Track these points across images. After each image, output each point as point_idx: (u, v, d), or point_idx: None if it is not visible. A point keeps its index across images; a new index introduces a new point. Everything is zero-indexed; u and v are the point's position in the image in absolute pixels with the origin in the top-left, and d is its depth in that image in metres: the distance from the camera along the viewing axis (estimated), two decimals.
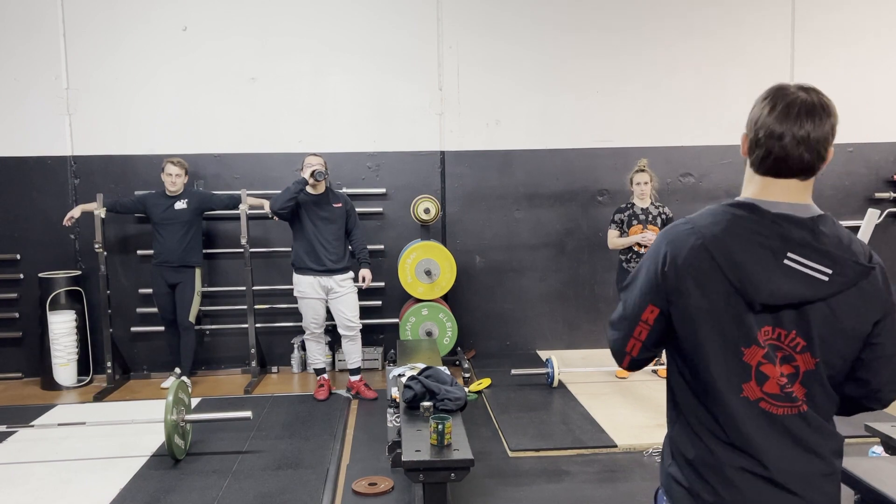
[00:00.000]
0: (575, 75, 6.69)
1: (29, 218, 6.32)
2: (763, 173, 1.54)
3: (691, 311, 1.50)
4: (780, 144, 1.48)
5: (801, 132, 1.47)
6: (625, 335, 1.62)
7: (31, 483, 4.12)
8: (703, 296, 1.49)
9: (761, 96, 1.54)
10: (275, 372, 6.58)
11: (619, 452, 4.47)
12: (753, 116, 1.54)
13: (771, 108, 1.49)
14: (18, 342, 6.40)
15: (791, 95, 1.49)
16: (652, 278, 1.55)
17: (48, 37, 6.24)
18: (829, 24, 6.79)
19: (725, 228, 1.50)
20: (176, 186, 5.83)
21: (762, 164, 1.53)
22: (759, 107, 1.53)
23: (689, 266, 1.50)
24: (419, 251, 6.20)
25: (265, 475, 4.18)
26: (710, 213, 1.55)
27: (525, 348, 6.86)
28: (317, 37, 6.45)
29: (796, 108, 1.48)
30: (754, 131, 1.52)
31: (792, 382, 1.50)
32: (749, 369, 1.49)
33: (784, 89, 1.51)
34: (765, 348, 1.48)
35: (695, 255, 1.50)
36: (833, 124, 1.49)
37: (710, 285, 1.48)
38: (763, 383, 1.49)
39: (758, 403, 1.50)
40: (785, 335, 1.49)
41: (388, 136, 6.58)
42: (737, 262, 1.46)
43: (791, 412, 1.50)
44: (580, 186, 6.79)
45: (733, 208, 1.53)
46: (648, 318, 1.56)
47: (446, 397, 3.78)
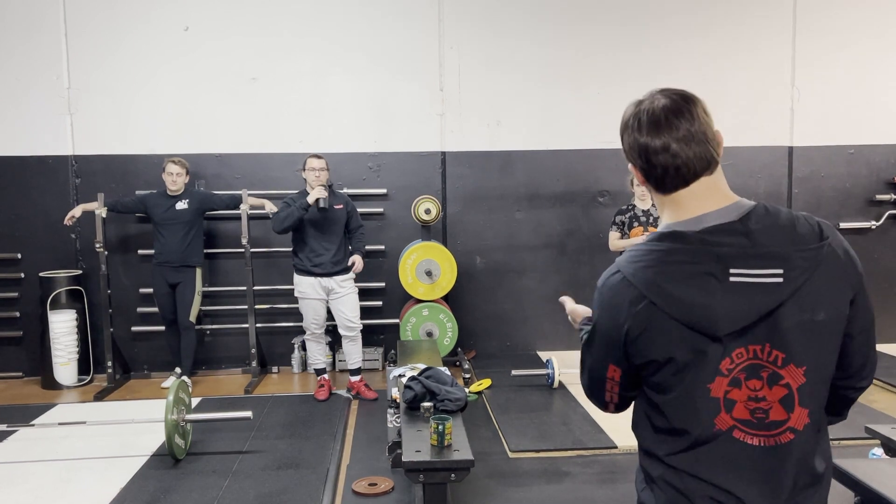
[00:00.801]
0: (576, 76, 6.69)
1: (30, 217, 6.32)
2: (671, 190, 1.43)
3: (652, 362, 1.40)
4: (669, 154, 1.40)
5: (680, 133, 1.40)
6: (599, 391, 1.55)
7: (31, 482, 4.12)
8: (657, 346, 1.38)
9: (624, 121, 1.48)
10: (275, 372, 6.58)
11: (620, 454, 4.47)
12: (629, 144, 1.47)
13: (639, 127, 1.43)
14: (19, 341, 6.40)
15: (650, 106, 1.43)
16: (605, 338, 1.47)
17: (49, 36, 6.24)
18: (830, 25, 6.79)
19: (656, 269, 1.37)
20: (177, 186, 5.83)
21: (664, 181, 1.43)
22: (627, 133, 1.47)
23: (635, 319, 1.39)
24: (420, 251, 6.20)
25: (265, 475, 4.19)
26: (637, 256, 1.42)
27: (525, 349, 6.86)
28: (318, 37, 6.45)
29: (659, 115, 1.41)
30: (639, 156, 1.44)
31: (788, 407, 1.38)
32: (717, 402, 1.38)
33: (641, 104, 1.45)
34: (729, 376, 1.37)
35: (637, 307, 1.38)
36: (702, 107, 1.44)
37: (663, 333, 1.37)
38: (731, 409, 1.38)
39: (731, 433, 1.38)
40: (760, 350, 1.37)
41: (389, 137, 6.58)
42: (681, 301, 1.35)
43: (768, 442, 1.38)
44: (581, 187, 6.79)
45: (656, 243, 1.41)
46: (614, 376, 1.49)
47: (447, 398, 3.78)
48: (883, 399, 5.36)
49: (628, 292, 1.40)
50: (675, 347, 1.37)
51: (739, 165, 6.83)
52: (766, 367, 1.37)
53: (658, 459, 1.46)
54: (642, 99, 1.47)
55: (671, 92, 1.45)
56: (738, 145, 6.81)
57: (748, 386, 1.37)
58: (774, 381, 1.37)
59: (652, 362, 1.40)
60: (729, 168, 6.80)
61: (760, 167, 6.82)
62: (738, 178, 6.84)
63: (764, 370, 1.37)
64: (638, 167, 1.48)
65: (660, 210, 1.50)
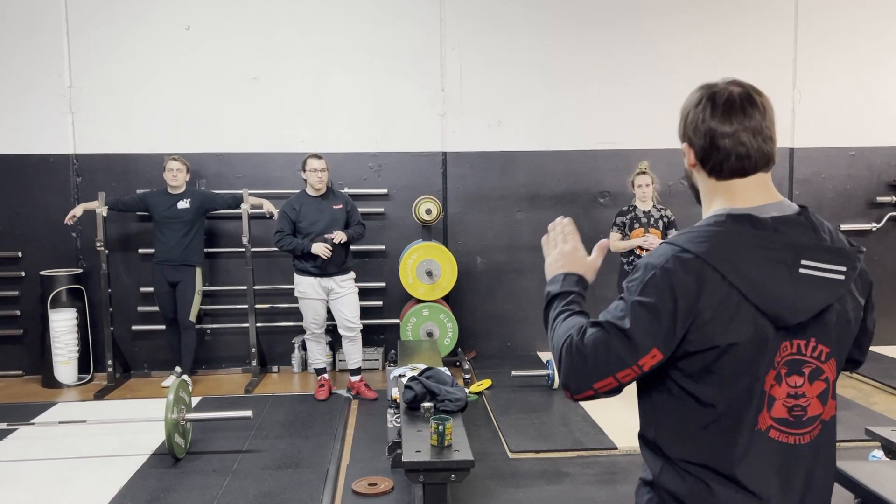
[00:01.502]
0: (578, 77, 6.69)
1: (31, 216, 6.32)
2: (727, 177, 1.43)
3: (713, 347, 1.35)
4: (738, 141, 1.40)
5: (753, 123, 1.40)
6: (601, 374, 1.38)
7: (31, 481, 4.12)
8: (727, 329, 1.34)
9: (693, 102, 1.46)
10: (275, 371, 6.58)
11: (620, 454, 4.47)
12: (693, 122, 1.44)
13: (713, 109, 1.41)
14: (19, 340, 6.40)
15: (726, 91, 1.42)
16: (662, 321, 1.35)
17: (51, 35, 6.24)
18: (831, 27, 6.79)
19: (732, 249, 1.35)
20: (178, 182, 5.83)
21: (723, 167, 1.42)
22: (694, 112, 1.44)
23: (709, 299, 1.33)
24: (420, 252, 6.20)
25: (265, 475, 4.19)
26: (706, 235, 1.38)
27: (526, 349, 6.86)
28: (319, 36, 6.45)
29: (737, 101, 1.41)
30: (703, 136, 1.42)
31: (824, 400, 1.40)
32: (764, 396, 1.37)
33: (716, 87, 1.44)
34: (777, 369, 1.37)
35: (714, 288, 1.33)
36: (772, 108, 1.44)
37: (734, 315, 1.34)
38: (771, 408, 1.38)
39: (767, 433, 1.38)
40: (805, 345, 1.39)
41: (390, 137, 6.58)
42: (756, 283, 1.33)
43: (801, 440, 1.39)
44: (582, 188, 6.79)
45: (729, 224, 1.38)
46: (646, 364, 1.36)
47: (447, 398, 3.78)
48: (883, 401, 5.36)
49: (704, 272, 1.34)
50: (742, 332, 1.34)
51: None
52: (808, 362, 1.39)
53: (676, 460, 1.42)
54: (715, 83, 1.45)
55: (746, 83, 1.45)
56: None
57: (788, 382, 1.39)
58: (816, 375, 1.40)
59: (713, 348, 1.35)
60: None
61: None
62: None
63: (806, 366, 1.39)
64: (696, 148, 1.45)
65: (707, 196, 1.49)
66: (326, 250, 5.33)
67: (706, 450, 1.39)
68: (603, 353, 1.38)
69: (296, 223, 5.44)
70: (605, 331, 1.39)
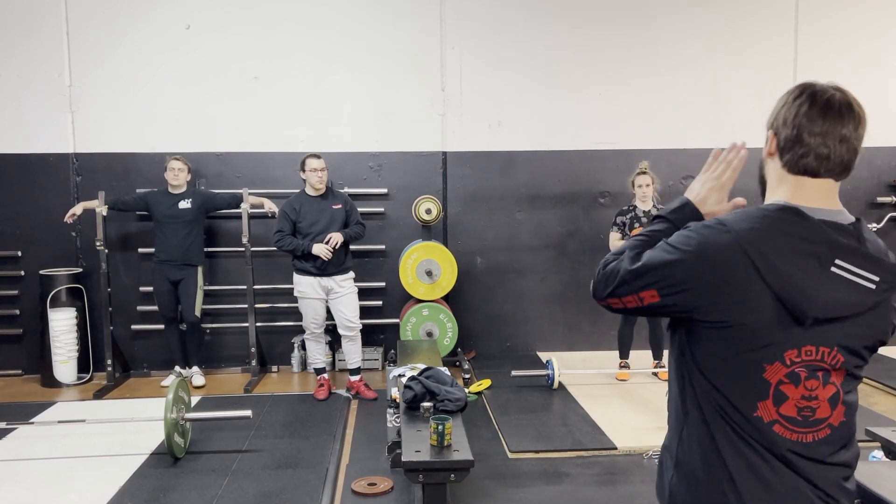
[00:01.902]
0: (577, 77, 6.68)
1: (30, 215, 6.32)
2: (799, 172, 1.46)
3: (715, 317, 1.41)
4: (823, 142, 1.42)
5: (844, 130, 1.42)
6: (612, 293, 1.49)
7: (30, 480, 4.12)
8: (732, 303, 1.38)
9: (792, 94, 1.47)
10: (275, 371, 6.58)
11: (619, 455, 4.47)
12: (786, 114, 1.46)
13: (810, 106, 1.43)
14: (19, 339, 6.40)
15: (827, 93, 1.44)
16: (669, 266, 1.42)
17: (51, 34, 6.24)
18: (832, 27, 6.78)
19: (766, 232, 1.39)
20: (179, 181, 5.84)
21: (799, 162, 1.45)
22: (791, 104, 1.46)
23: (722, 268, 1.38)
24: (420, 251, 6.20)
25: (265, 474, 4.18)
26: (746, 216, 1.43)
27: (525, 350, 6.86)
28: (319, 36, 6.45)
29: (836, 105, 1.43)
30: (792, 128, 1.45)
31: (834, 406, 1.44)
32: (767, 387, 1.41)
33: (818, 87, 1.46)
34: (790, 367, 1.40)
35: (730, 258, 1.38)
36: (866, 122, 1.47)
37: (746, 294, 1.37)
38: (781, 405, 1.41)
39: (771, 426, 1.42)
40: (827, 353, 1.41)
41: (391, 137, 6.58)
42: (780, 270, 1.36)
43: (804, 438, 1.43)
44: (582, 188, 6.79)
45: (776, 213, 1.42)
46: (645, 299, 1.45)
47: (446, 398, 3.77)
48: (883, 402, 5.35)
49: (726, 239, 1.40)
50: (753, 314, 1.38)
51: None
52: (825, 368, 1.43)
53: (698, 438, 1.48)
54: (818, 83, 1.47)
55: (848, 91, 1.47)
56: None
57: (806, 385, 1.41)
58: (827, 380, 1.43)
59: (721, 323, 1.40)
60: None
61: None
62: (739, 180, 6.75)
63: (821, 370, 1.43)
64: (781, 137, 1.48)
65: (774, 185, 1.52)
66: (328, 252, 5.33)
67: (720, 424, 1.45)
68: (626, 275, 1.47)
69: (295, 223, 5.43)
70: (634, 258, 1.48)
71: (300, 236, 5.42)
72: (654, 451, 4.41)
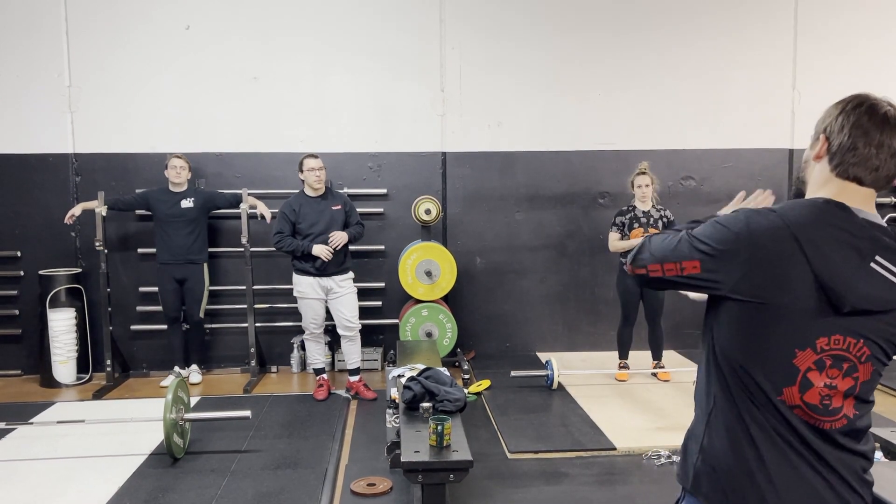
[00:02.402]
0: (577, 77, 6.69)
1: (30, 215, 6.32)
2: (847, 178, 1.50)
3: (754, 297, 1.45)
4: (876, 154, 1.47)
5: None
6: (654, 260, 1.57)
7: (29, 480, 4.12)
8: (776, 286, 1.43)
9: (850, 104, 1.52)
10: (274, 371, 6.58)
11: (619, 455, 4.46)
12: (843, 121, 1.50)
13: (870, 118, 1.48)
14: (18, 339, 6.40)
15: (884, 107, 1.49)
16: (718, 243, 1.48)
17: (50, 34, 6.24)
18: (831, 28, 6.79)
19: (814, 221, 1.44)
20: (181, 179, 5.87)
21: (850, 169, 1.50)
22: (849, 113, 1.50)
23: (771, 247, 1.44)
24: (420, 252, 6.20)
25: (264, 475, 4.18)
26: (794, 205, 1.49)
27: (525, 350, 6.86)
28: (319, 36, 6.45)
29: (889, 120, 1.47)
30: (848, 136, 1.49)
31: (846, 397, 1.48)
32: (796, 373, 1.46)
33: (875, 100, 1.50)
34: (819, 355, 1.45)
35: (779, 239, 1.43)
36: None
37: (789, 275, 1.42)
38: (805, 391, 1.46)
39: (793, 410, 1.47)
40: (854, 344, 1.46)
41: (390, 137, 6.58)
42: (826, 257, 1.41)
43: (823, 426, 1.48)
44: (581, 188, 6.79)
45: (823, 205, 1.47)
46: (686, 269, 1.52)
47: (446, 398, 3.78)
48: (882, 402, 5.36)
49: (776, 222, 1.45)
50: (792, 296, 1.43)
51: (740, 167, 6.83)
52: (850, 359, 1.47)
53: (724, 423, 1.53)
54: (871, 96, 1.52)
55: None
56: (738, 147, 6.82)
57: (828, 374, 1.46)
58: (849, 373, 1.47)
59: (758, 301, 1.45)
60: (729, 170, 6.83)
61: (761, 169, 6.82)
62: (739, 181, 6.85)
63: (846, 362, 1.47)
64: (833, 142, 1.52)
65: (818, 185, 1.56)
66: (328, 253, 5.33)
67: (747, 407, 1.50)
68: (665, 246, 1.57)
69: (295, 224, 5.43)
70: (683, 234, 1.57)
71: (300, 237, 5.42)
72: (654, 451, 4.41)
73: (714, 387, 1.55)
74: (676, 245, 1.54)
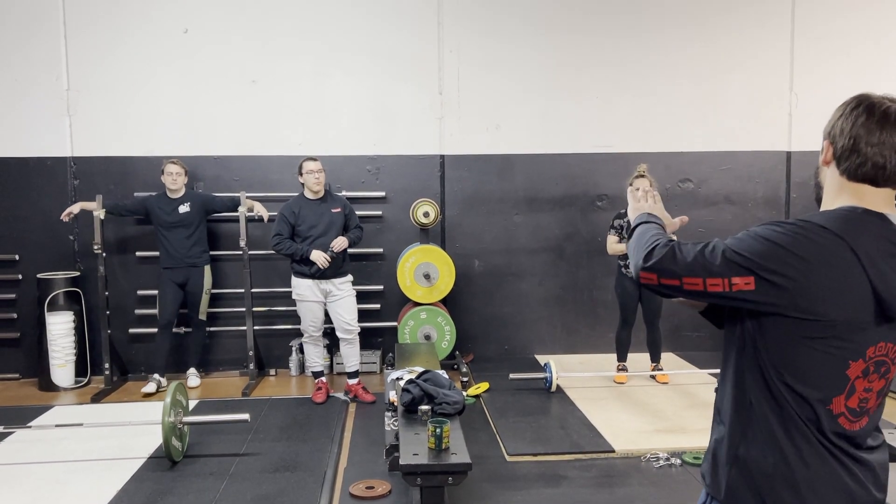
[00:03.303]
0: (575, 80, 6.70)
1: (28, 218, 6.31)
2: (859, 180, 1.50)
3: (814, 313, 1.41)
4: (879, 152, 1.47)
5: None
6: (696, 272, 1.46)
7: (28, 484, 4.11)
8: (836, 300, 1.41)
9: (849, 105, 1.53)
10: (273, 374, 6.57)
11: (617, 457, 4.46)
12: (843, 124, 1.52)
13: (867, 117, 1.48)
14: (16, 343, 6.39)
15: (884, 105, 1.49)
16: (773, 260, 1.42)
17: (49, 37, 6.24)
18: (828, 31, 6.80)
19: (862, 232, 1.43)
20: (177, 185, 5.87)
21: (858, 171, 1.50)
22: (848, 115, 1.51)
23: (828, 265, 1.40)
24: (418, 255, 6.20)
25: (262, 478, 4.18)
26: (835, 216, 1.47)
27: (523, 352, 6.86)
28: (317, 39, 6.46)
29: (889, 117, 1.47)
30: (849, 138, 1.50)
31: (878, 396, 1.51)
32: (846, 382, 1.46)
33: (874, 98, 1.51)
34: (867, 363, 1.45)
35: (838, 251, 1.41)
36: None
37: (849, 290, 1.41)
38: (850, 398, 1.47)
39: (838, 418, 1.47)
40: (892, 349, 1.48)
41: (389, 140, 6.59)
42: (881, 268, 1.41)
43: (854, 427, 1.50)
44: (580, 191, 6.80)
45: (863, 215, 1.46)
46: (737, 285, 1.43)
47: (444, 401, 3.78)
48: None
49: (835, 246, 1.42)
50: (848, 309, 1.42)
51: (738, 170, 6.84)
52: (887, 363, 1.49)
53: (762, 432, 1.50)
54: (874, 95, 1.52)
55: None
56: (736, 150, 6.83)
57: (869, 378, 1.47)
58: (885, 374, 1.50)
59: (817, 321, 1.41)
60: (727, 173, 6.84)
61: (759, 172, 6.83)
62: (737, 183, 6.87)
63: (884, 366, 1.49)
64: (837, 146, 1.53)
65: (833, 192, 1.55)
66: (325, 260, 5.33)
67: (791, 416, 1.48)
68: (707, 256, 1.46)
69: (294, 226, 5.44)
70: (717, 245, 1.48)
71: (299, 240, 5.42)
72: (652, 453, 4.41)
73: (749, 397, 1.52)
74: (722, 259, 1.45)
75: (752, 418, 1.52)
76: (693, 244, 1.51)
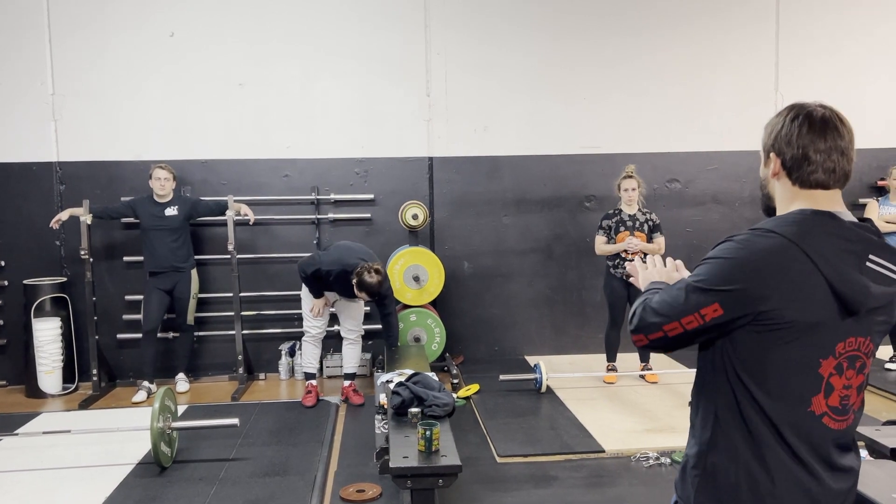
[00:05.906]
0: (563, 82, 6.72)
1: (14, 224, 6.27)
2: (811, 187, 1.55)
3: (778, 319, 1.44)
4: (828, 157, 1.53)
5: (841, 143, 1.55)
6: (667, 319, 1.52)
7: (15, 491, 4.08)
8: (797, 303, 1.44)
9: (787, 116, 1.57)
10: (262, 379, 6.55)
11: (607, 457, 4.48)
12: (787, 135, 1.55)
13: (809, 126, 1.54)
14: (3, 349, 6.34)
15: (818, 112, 1.55)
16: (729, 279, 1.46)
17: (33, 42, 6.20)
18: (812, 32, 6.86)
19: (814, 233, 1.47)
20: (165, 190, 5.84)
21: (810, 178, 1.55)
22: (789, 125, 1.55)
23: (785, 266, 1.44)
24: (407, 257, 6.20)
25: (252, 482, 4.16)
26: (784, 221, 1.50)
27: (513, 354, 6.87)
28: (305, 42, 6.44)
29: (831, 122, 1.54)
30: (797, 148, 1.54)
31: (858, 392, 1.55)
32: (820, 381, 1.50)
33: (809, 107, 1.56)
34: (838, 359, 1.49)
35: (791, 256, 1.44)
36: (853, 133, 1.59)
37: (807, 291, 1.44)
38: (829, 396, 1.51)
39: (821, 419, 1.51)
40: (863, 342, 1.52)
41: (377, 142, 6.58)
42: (835, 266, 1.45)
43: (841, 426, 1.53)
44: (568, 192, 6.82)
45: (812, 216, 1.50)
46: (707, 315, 1.47)
47: (434, 403, 3.78)
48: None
49: (789, 251, 1.45)
50: (812, 309, 1.45)
51: (725, 170, 6.88)
52: (861, 357, 1.53)
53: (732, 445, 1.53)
54: (807, 103, 1.58)
55: (832, 107, 1.58)
56: (723, 150, 6.87)
57: (846, 375, 1.51)
58: (861, 370, 1.54)
59: (782, 322, 1.45)
60: (714, 172, 6.88)
61: (746, 171, 6.87)
62: (724, 182, 6.90)
63: (859, 360, 1.53)
64: (786, 158, 1.56)
65: (786, 201, 1.59)
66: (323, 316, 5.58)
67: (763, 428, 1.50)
68: (675, 299, 1.52)
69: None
70: (683, 284, 1.54)
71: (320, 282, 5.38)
72: (642, 453, 4.43)
73: (721, 410, 1.54)
74: (686, 297, 1.50)
75: (722, 431, 1.54)
76: (665, 290, 1.57)
